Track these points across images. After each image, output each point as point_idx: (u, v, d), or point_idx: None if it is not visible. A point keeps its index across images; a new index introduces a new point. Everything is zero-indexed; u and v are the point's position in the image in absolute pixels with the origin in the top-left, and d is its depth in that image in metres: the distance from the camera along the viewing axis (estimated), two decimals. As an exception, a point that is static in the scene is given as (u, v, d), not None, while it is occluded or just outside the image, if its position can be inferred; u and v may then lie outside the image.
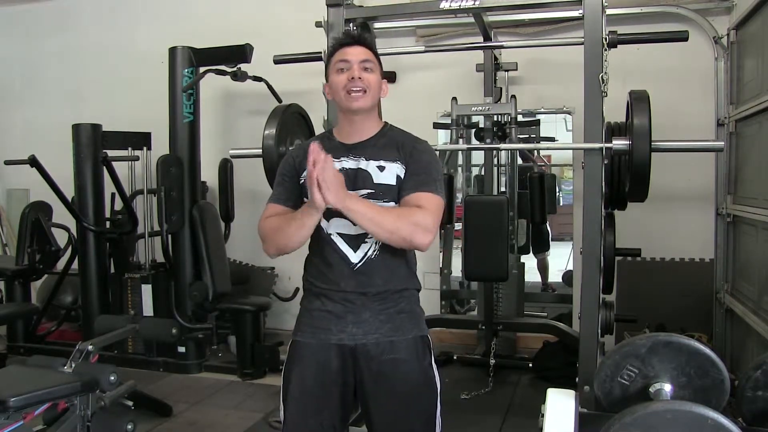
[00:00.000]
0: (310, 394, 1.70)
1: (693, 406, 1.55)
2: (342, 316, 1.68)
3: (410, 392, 1.70)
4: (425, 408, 1.72)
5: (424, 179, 1.65)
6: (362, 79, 1.67)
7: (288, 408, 1.72)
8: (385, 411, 1.70)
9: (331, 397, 1.70)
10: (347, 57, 1.69)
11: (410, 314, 1.73)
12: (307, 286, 1.77)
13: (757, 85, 3.37)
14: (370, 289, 1.66)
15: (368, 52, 1.72)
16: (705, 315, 4.03)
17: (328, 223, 1.68)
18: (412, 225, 1.57)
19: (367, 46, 1.73)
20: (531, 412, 2.40)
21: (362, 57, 1.69)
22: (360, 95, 1.67)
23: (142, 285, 4.24)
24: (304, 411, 1.70)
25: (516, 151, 4.64)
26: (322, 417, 1.69)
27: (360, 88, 1.66)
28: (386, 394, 1.69)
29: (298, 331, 1.76)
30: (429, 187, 1.64)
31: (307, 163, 1.46)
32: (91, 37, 5.45)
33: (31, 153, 3.98)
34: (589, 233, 2.66)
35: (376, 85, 1.71)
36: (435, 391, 1.74)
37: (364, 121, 1.73)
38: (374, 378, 1.68)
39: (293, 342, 1.77)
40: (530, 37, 4.35)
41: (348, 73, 1.68)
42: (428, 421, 1.73)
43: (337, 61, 1.70)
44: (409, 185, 1.66)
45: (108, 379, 2.35)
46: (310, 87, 3.49)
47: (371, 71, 1.70)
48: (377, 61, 1.74)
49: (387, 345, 1.68)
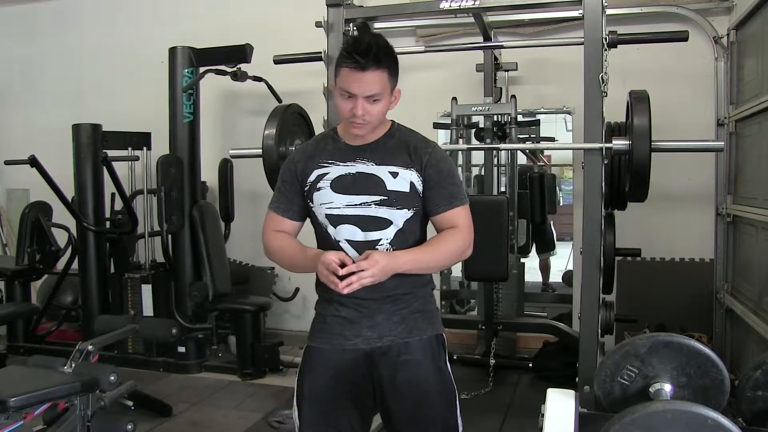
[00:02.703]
0: (324, 399, 1.68)
1: (693, 406, 1.55)
2: (356, 320, 1.67)
3: (427, 393, 1.69)
4: (443, 409, 1.71)
5: (453, 191, 1.68)
6: (365, 114, 1.58)
7: (303, 414, 1.71)
8: (404, 412, 1.69)
9: (346, 402, 1.68)
10: (352, 90, 1.56)
11: (424, 313, 1.72)
12: (319, 292, 1.75)
13: (757, 85, 3.37)
14: (383, 293, 1.65)
15: (380, 78, 1.56)
16: (705, 315, 4.03)
17: (336, 230, 1.66)
18: (458, 255, 1.69)
19: (381, 66, 1.56)
20: (531, 412, 2.40)
21: (368, 91, 1.55)
22: (361, 125, 1.62)
23: (142, 285, 4.24)
24: (319, 417, 1.69)
25: (516, 151, 4.64)
26: (339, 423, 1.68)
27: (361, 121, 1.60)
28: (403, 396, 1.68)
29: (313, 337, 1.75)
30: (459, 199, 1.68)
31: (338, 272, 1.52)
32: (91, 37, 5.45)
33: (31, 153, 3.98)
34: (589, 233, 2.67)
35: (381, 113, 1.62)
36: (452, 392, 1.73)
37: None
38: (391, 380, 1.67)
39: (307, 348, 1.76)
40: (530, 37, 4.35)
41: (350, 105, 1.58)
42: (447, 423, 1.72)
43: (342, 89, 1.58)
44: (441, 201, 1.67)
45: (108, 379, 2.35)
46: (310, 87, 3.49)
47: (378, 102, 1.58)
48: (389, 81, 1.60)
49: (402, 347, 1.67)
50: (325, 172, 1.68)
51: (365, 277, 1.51)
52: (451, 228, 1.67)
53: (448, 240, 1.66)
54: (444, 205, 1.67)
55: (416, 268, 1.64)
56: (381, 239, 1.65)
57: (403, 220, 1.66)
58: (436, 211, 1.68)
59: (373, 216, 1.64)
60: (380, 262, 1.53)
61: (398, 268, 1.58)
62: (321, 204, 1.67)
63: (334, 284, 1.52)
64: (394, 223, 1.65)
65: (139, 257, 4.60)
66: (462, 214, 1.68)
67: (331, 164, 1.69)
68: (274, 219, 1.75)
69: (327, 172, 1.68)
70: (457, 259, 1.71)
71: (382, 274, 1.54)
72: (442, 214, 1.67)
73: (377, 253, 1.56)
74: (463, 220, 1.68)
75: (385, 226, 1.65)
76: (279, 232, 1.73)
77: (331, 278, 1.52)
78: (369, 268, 1.51)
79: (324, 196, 1.67)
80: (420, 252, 1.64)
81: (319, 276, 1.59)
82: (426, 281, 1.75)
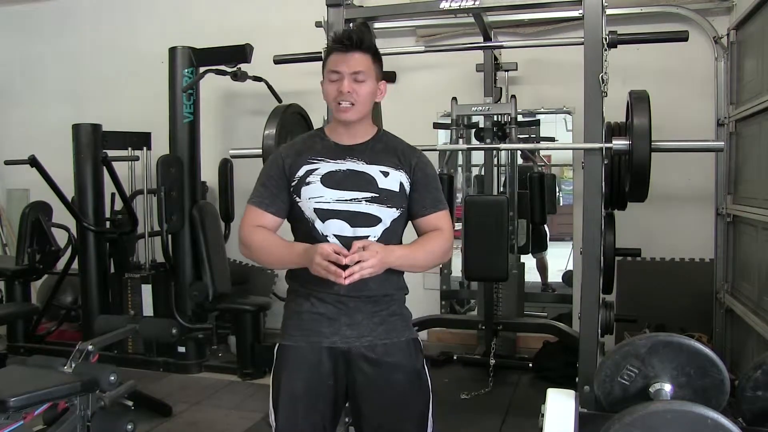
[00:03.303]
0: (302, 398, 1.68)
1: (693, 406, 1.56)
2: (335, 318, 1.67)
3: (404, 394, 1.70)
4: (418, 409, 1.72)
5: (437, 195, 1.75)
6: (351, 93, 1.64)
7: (279, 413, 1.70)
8: (378, 413, 1.69)
9: (323, 399, 1.69)
10: (338, 68, 1.64)
11: (401, 317, 1.74)
12: (295, 287, 1.74)
13: (757, 85, 3.37)
14: (365, 292, 1.65)
15: (363, 59, 1.66)
16: (705, 315, 4.03)
17: (324, 225, 1.66)
18: (442, 257, 1.75)
19: (365, 49, 1.66)
20: (531, 412, 2.40)
21: (354, 68, 1.64)
22: (349, 108, 1.65)
23: (142, 285, 4.24)
24: (296, 415, 1.68)
25: (516, 151, 4.64)
26: (314, 420, 1.68)
27: (348, 102, 1.64)
28: (380, 397, 1.68)
29: (286, 335, 1.72)
30: (443, 204, 1.76)
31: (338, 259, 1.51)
32: (91, 37, 5.45)
33: (31, 153, 3.98)
34: (589, 233, 2.66)
35: (368, 95, 1.67)
36: (427, 393, 1.74)
37: (357, 126, 1.71)
38: (368, 380, 1.67)
39: (281, 346, 1.73)
40: (530, 37, 4.35)
41: (338, 85, 1.64)
42: (420, 422, 1.73)
43: (330, 70, 1.66)
44: (428, 203, 1.73)
45: (108, 379, 2.35)
46: (310, 87, 3.46)
47: (363, 82, 1.65)
48: (374, 66, 1.69)
49: (381, 348, 1.68)
50: (314, 167, 1.69)
51: (366, 268, 1.51)
52: (436, 230, 1.71)
53: (434, 241, 1.70)
54: (430, 207, 1.73)
55: (406, 265, 1.67)
56: (369, 236, 1.65)
57: (391, 220, 1.68)
58: (422, 212, 1.72)
59: (363, 212, 1.66)
60: (380, 253, 1.54)
61: (392, 263, 1.60)
62: (309, 198, 1.67)
63: (336, 275, 1.50)
64: (382, 221, 1.67)
65: (139, 257, 4.60)
66: (445, 218, 1.75)
67: (321, 161, 1.70)
68: (254, 213, 1.71)
69: (317, 168, 1.69)
70: (440, 260, 1.78)
71: (380, 266, 1.55)
72: (428, 216, 1.72)
73: (375, 243, 1.57)
74: (446, 223, 1.74)
75: (374, 223, 1.66)
76: (258, 227, 1.69)
77: (332, 269, 1.50)
78: (370, 258, 1.51)
79: (313, 190, 1.67)
80: (410, 249, 1.67)
81: (315, 269, 1.54)
82: (402, 285, 1.76)
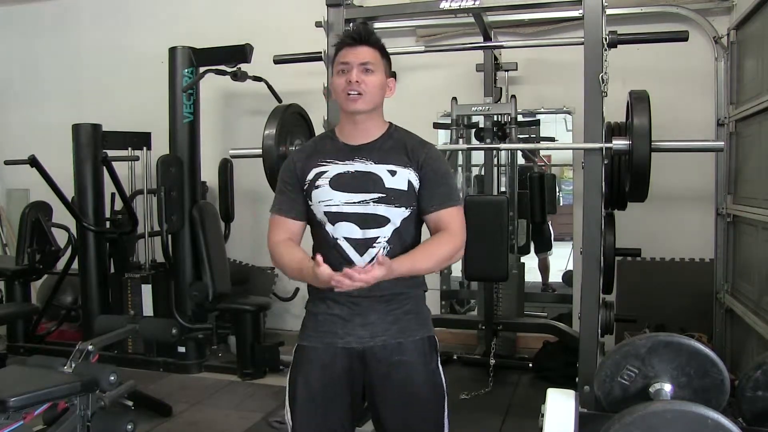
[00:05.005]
0: (317, 399, 1.69)
1: (693, 406, 1.56)
2: (349, 319, 1.68)
3: (418, 395, 1.69)
4: (433, 411, 1.72)
5: (447, 191, 1.70)
6: (360, 83, 1.64)
7: (296, 413, 1.71)
8: (395, 413, 1.70)
9: (339, 400, 1.69)
10: (347, 59, 1.66)
11: (417, 315, 1.73)
12: (312, 289, 1.75)
13: (757, 85, 3.37)
14: (377, 292, 1.64)
15: (371, 51, 1.68)
16: (705, 315, 4.03)
17: (333, 228, 1.67)
18: (450, 259, 1.70)
19: (372, 44, 1.68)
20: (531, 412, 2.39)
21: (362, 59, 1.65)
22: (357, 98, 1.65)
23: (142, 285, 4.24)
24: (313, 418, 1.69)
25: (516, 151, 4.64)
26: (330, 421, 1.69)
27: (357, 92, 1.64)
28: (395, 397, 1.69)
29: (304, 336, 1.75)
30: (452, 200, 1.71)
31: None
32: (91, 37, 5.45)
33: (31, 153, 3.98)
34: (589, 233, 2.66)
35: (377, 86, 1.67)
36: (442, 394, 1.73)
37: (367, 121, 1.70)
38: (382, 380, 1.68)
39: (298, 347, 1.76)
40: (530, 37, 4.34)
41: (347, 76, 1.65)
42: (437, 424, 1.72)
43: (339, 63, 1.68)
44: (436, 200, 1.69)
45: (108, 379, 2.35)
46: (310, 87, 3.50)
47: (372, 72, 1.66)
48: (382, 60, 1.70)
49: (395, 347, 1.68)
50: (323, 170, 1.69)
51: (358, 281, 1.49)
52: (445, 231, 1.68)
53: (442, 245, 1.67)
54: (438, 203, 1.69)
55: (414, 272, 1.65)
56: (378, 237, 1.65)
57: (401, 219, 1.67)
58: (429, 209, 1.69)
59: (371, 213, 1.65)
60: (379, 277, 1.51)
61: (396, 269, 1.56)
62: (319, 201, 1.68)
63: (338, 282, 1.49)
64: (391, 222, 1.66)
65: (139, 257, 4.60)
66: (455, 214, 1.70)
67: (330, 163, 1.70)
68: (275, 223, 1.74)
69: (326, 170, 1.69)
70: (449, 263, 1.75)
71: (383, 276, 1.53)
72: (436, 213, 1.69)
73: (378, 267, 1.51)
74: (455, 221, 1.69)
75: (383, 223, 1.66)
76: (283, 241, 1.71)
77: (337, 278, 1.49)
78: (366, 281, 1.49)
79: (323, 193, 1.68)
80: (414, 259, 1.63)
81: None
82: (419, 282, 1.75)
